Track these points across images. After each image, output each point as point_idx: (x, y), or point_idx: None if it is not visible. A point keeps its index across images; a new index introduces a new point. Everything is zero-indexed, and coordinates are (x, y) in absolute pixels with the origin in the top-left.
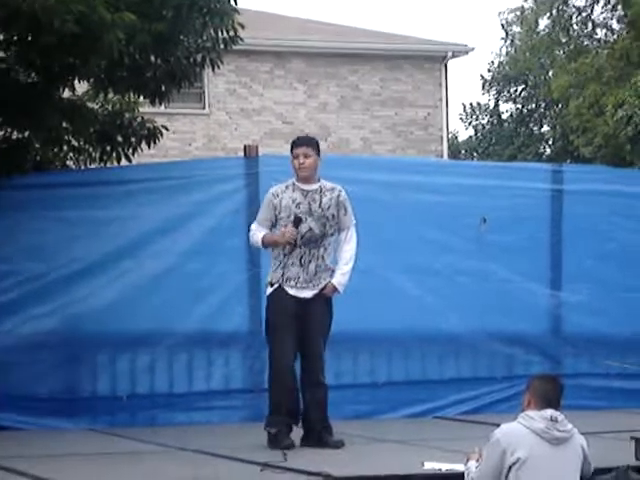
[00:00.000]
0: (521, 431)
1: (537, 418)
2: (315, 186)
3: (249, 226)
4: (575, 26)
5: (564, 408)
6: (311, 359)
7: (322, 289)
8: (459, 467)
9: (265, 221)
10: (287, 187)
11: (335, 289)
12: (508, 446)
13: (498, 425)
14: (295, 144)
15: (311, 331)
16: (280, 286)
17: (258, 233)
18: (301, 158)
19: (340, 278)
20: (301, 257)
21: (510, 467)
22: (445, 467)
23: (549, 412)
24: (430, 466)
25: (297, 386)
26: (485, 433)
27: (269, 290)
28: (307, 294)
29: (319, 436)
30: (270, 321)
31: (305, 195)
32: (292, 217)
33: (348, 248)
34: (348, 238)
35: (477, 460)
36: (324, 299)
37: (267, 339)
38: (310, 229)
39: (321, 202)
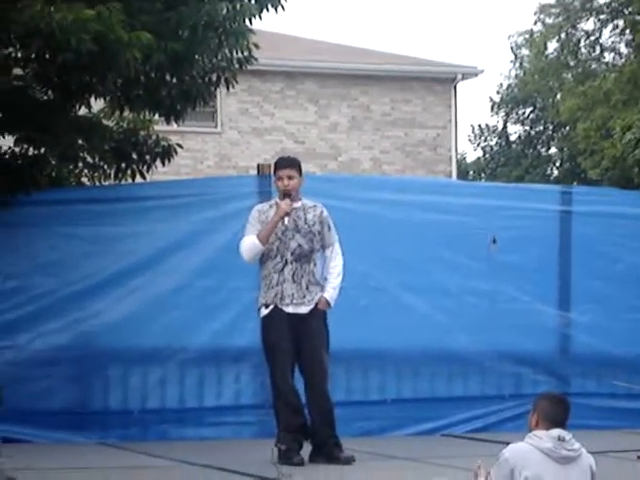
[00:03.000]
0: (529, 450)
1: (545, 437)
2: (298, 204)
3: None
4: (583, 49)
5: (571, 427)
6: (315, 374)
7: (316, 304)
8: None
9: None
10: (271, 206)
11: (327, 303)
12: (516, 465)
13: (506, 443)
14: (278, 166)
15: (312, 346)
16: (276, 306)
17: (250, 239)
18: (285, 180)
19: (332, 292)
20: (293, 273)
21: None
22: None
23: (557, 431)
24: None
25: (302, 403)
26: (493, 451)
27: (264, 311)
28: (303, 310)
29: (329, 452)
30: (269, 342)
31: (289, 213)
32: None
33: (335, 264)
34: (334, 255)
35: (485, 478)
36: (319, 313)
37: (267, 360)
38: (299, 245)
39: (306, 219)
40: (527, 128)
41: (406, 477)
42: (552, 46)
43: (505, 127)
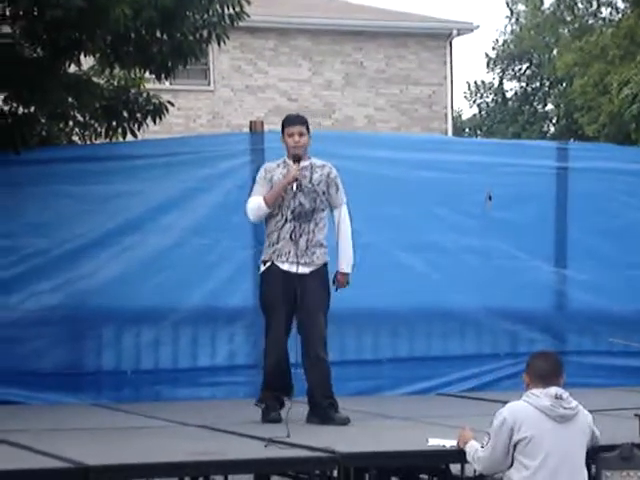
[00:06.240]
0: (527, 409)
1: (542, 396)
2: (306, 163)
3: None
4: (580, 4)
5: (567, 385)
6: (310, 335)
7: (319, 267)
8: None
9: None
10: (278, 165)
11: (345, 275)
12: (514, 424)
13: (502, 402)
14: (288, 122)
15: (309, 307)
16: (273, 263)
17: (257, 200)
18: (296, 137)
19: (348, 260)
20: (291, 232)
21: (516, 445)
22: (449, 444)
23: (554, 390)
24: (435, 442)
25: (288, 359)
26: (489, 410)
27: (262, 268)
28: (300, 269)
29: (324, 412)
30: (263, 298)
31: (298, 178)
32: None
33: (345, 227)
34: (342, 217)
35: (480, 442)
36: (318, 274)
37: (263, 316)
38: (300, 204)
39: (311, 178)
40: (523, 84)
41: (402, 437)
42: (548, 1)
43: (501, 84)
